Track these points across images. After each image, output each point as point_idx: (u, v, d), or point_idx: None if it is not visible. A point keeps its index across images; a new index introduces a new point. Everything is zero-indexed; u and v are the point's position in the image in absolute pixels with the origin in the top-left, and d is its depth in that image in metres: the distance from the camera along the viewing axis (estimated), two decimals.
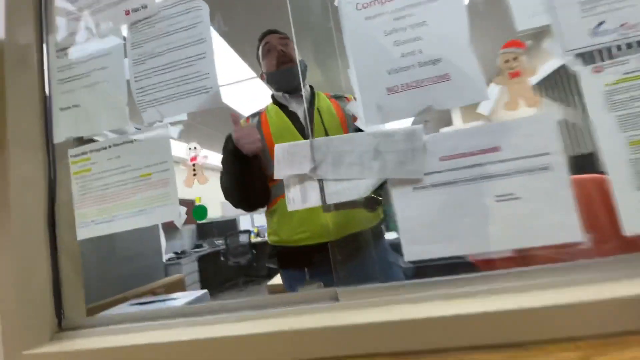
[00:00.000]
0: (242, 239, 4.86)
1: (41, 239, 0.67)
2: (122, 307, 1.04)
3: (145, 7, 0.68)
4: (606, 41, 0.50)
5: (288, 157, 0.58)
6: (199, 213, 0.65)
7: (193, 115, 0.66)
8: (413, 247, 0.52)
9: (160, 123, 0.66)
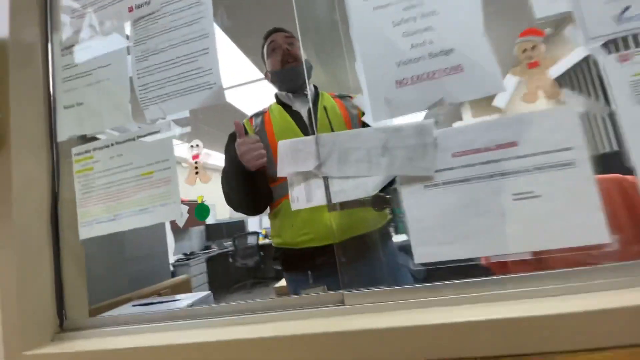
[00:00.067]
0: (250, 240, 4.86)
1: (43, 238, 0.66)
2: (125, 308, 1.03)
3: (148, 3, 0.67)
4: (632, 28, 0.46)
5: (292, 154, 0.56)
6: (202, 212, 0.63)
7: (195, 115, 0.65)
8: (423, 249, 0.49)
9: (162, 120, 0.65)
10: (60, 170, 0.70)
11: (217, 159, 1.01)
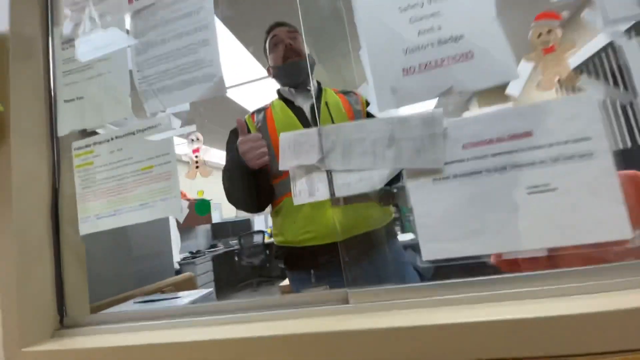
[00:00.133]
0: (256, 239, 4.87)
1: (44, 233, 0.65)
2: (126, 305, 1.02)
3: None
4: None
5: (294, 147, 0.54)
6: (202, 208, 0.62)
7: (196, 109, 0.63)
8: (432, 245, 0.47)
9: (162, 114, 0.63)
10: (61, 165, 0.70)
11: (219, 157, 0.99)
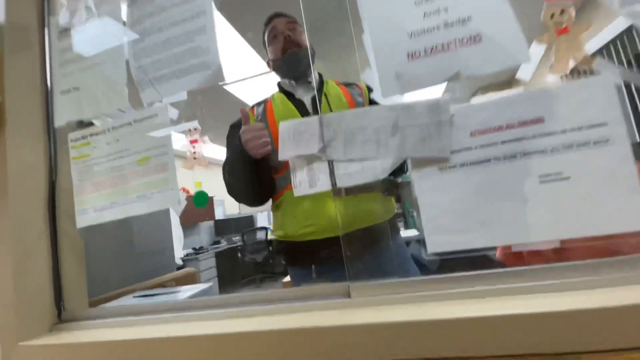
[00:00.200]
0: (259, 235, 4.87)
1: (41, 226, 0.64)
2: (125, 299, 1.02)
3: None
4: None
5: (294, 136, 0.52)
6: (200, 199, 0.60)
7: (195, 100, 0.62)
8: (437, 237, 0.45)
9: (159, 104, 0.62)
10: (58, 157, 0.68)
11: (220, 152, 0.98)
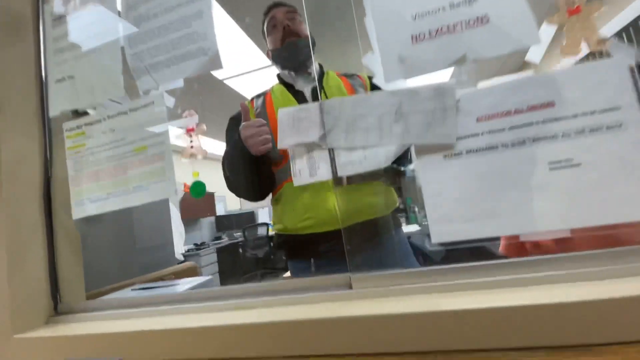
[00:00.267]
0: (260, 231, 4.87)
1: (36, 217, 0.63)
2: (123, 292, 1.01)
3: None
4: None
5: (293, 124, 0.50)
6: (197, 189, 0.59)
7: (194, 94, 0.60)
8: (442, 227, 0.43)
9: (155, 92, 0.60)
10: (53, 147, 0.67)
11: (221, 148, 0.96)
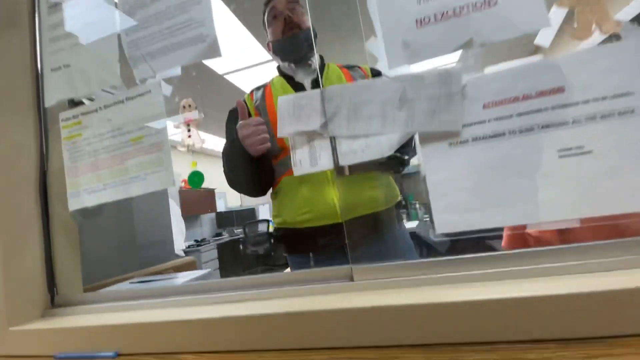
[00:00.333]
0: (261, 228, 4.87)
1: (32, 208, 0.62)
2: (121, 285, 1.00)
3: None
4: None
5: (294, 111, 0.49)
6: (195, 179, 0.57)
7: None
8: (447, 217, 0.42)
9: (152, 80, 0.59)
10: (49, 137, 0.66)
11: (214, 142, 0.94)
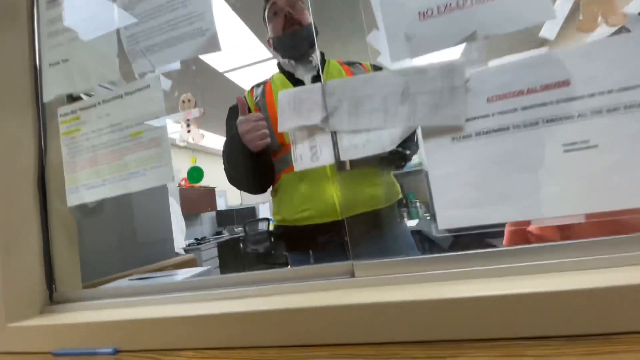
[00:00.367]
0: (261, 226, 4.86)
1: (30, 204, 0.61)
2: (121, 282, 1.00)
3: None
4: None
5: (295, 105, 0.48)
6: (194, 175, 0.57)
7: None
8: (450, 212, 0.42)
9: (151, 75, 0.58)
10: (47, 132, 0.65)
11: (214, 140, 0.94)
